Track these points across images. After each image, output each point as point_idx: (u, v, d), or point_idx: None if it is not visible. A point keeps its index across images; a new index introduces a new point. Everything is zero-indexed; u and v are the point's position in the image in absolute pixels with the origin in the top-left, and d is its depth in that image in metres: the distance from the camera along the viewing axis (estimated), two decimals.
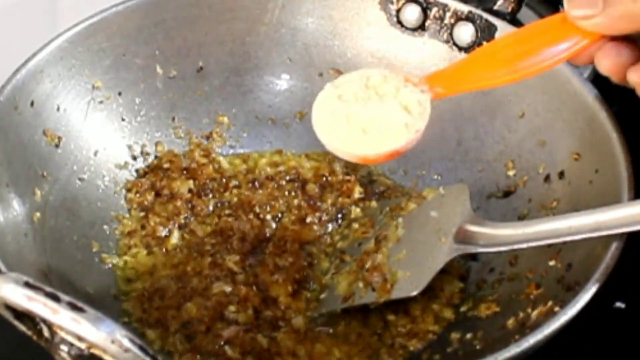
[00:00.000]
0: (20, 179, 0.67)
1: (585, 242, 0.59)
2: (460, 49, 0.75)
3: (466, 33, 0.75)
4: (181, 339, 0.65)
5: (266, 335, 0.66)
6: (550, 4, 0.84)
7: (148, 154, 0.77)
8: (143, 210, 0.74)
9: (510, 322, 0.61)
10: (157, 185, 0.75)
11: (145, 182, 0.75)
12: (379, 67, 0.78)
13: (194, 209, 0.74)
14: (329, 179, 0.75)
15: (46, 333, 0.48)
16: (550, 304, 0.59)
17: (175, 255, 0.72)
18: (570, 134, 0.68)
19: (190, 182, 0.75)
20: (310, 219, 0.74)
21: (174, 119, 0.78)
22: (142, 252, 0.72)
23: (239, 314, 0.67)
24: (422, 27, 0.77)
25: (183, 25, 0.77)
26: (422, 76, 0.60)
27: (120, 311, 0.67)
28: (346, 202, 0.74)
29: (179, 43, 0.77)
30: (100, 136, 0.75)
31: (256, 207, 0.74)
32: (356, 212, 0.74)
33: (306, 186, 0.75)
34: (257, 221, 0.74)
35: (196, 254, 0.71)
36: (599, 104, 0.66)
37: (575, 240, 0.59)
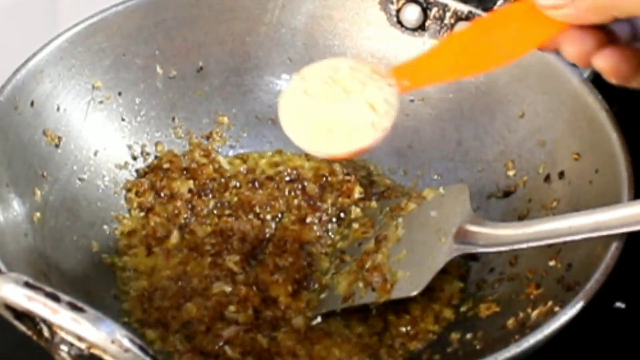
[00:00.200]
0: (20, 179, 0.67)
1: (585, 242, 0.59)
2: None
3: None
4: (181, 339, 0.65)
5: (266, 335, 0.66)
6: None
7: (148, 154, 0.77)
8: (143, 210, 0.74)
9: (510, 322, 0.61)
10: (157, 185, 0.75)
11: (145, 182, 0.75)
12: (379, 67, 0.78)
13: (194, 209, 0.74)
14: (329, 179, 0.75)
15: (46, 333, 0.48)
16: (550, 304, 0.59)
17: (175, 255, 0.72)
18: (570, 134, 0.68)
19: (190, 182, 0.75)
20: (310, 219, 0.74)
21: (174, 119, 0.78)
22: (142, 252, 0.72)
23: (239, 314, 0.67)
24: (422, 27, 0.77)
25: (183, 25, 0.77)
26: (390, 67, 0.59)
27: (120, 311, 0.67)
28: (346, 202, 0.74)
29: (179, 43, 0.77)
30: (100, 136, 0.75)
31: (256, 207, 0.74)
32: (356, 212, 0.73)
33: (306, 186, 0.75)
34: (257, 221, 0.73)
35: (196, 254, 0.71)
36: (599, 104, 0.66)
37: (575, 240, 0.59)
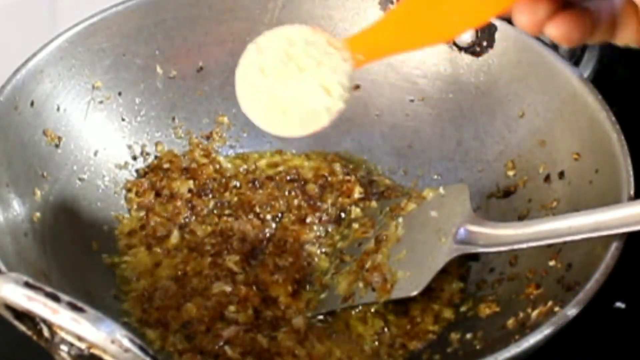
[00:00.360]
0: (20, 179, 0.67)
1: (585, 242, 0.59)
2: (460, 49, 0.75)
3: (466, 33, 0.75)
4: (181, 339, 0.65)
5: (266, 335, 0.66)
6: None
7: (148, 154, 0.77)
8: (143, 210, 0.74)
9: (510, 322, 0.61)
10: (157, 185, 0.75)
11: (145, 182, 0.75)
12: (380, 67, 0.78)
13: (194, 209, 0.74)
14: (329, 179, 0.75)
15: (46, 333, 0.48)
16: (550, 304, 0.59)
17: (175, 255, 0.71)
18: (570, 134, 0.68)
19: (190, 182, 0.75)
20: (310, 219, 0.74)
21: (174, 119, 0.78)
22: (142, 252, 0.72)
23: (239, 314, 0.67)
24: None
25: (183, 25, 0.77)
26: (345, 39, 0.57)
27: (120, 311, 0.67)
28: (346, 202, 0.74)
29: (179, 43, 0.77)
30: (100, 136, 0.75)
31: (256, 207, 0.74)
32: (356, 212, 0.73)
33: (306, 186, 0.75)
34: (257, 221, 0.73)
35: (196, 254, 0.71)
36: (599, 104, 0.66)
37: (575, 240, 0.59)
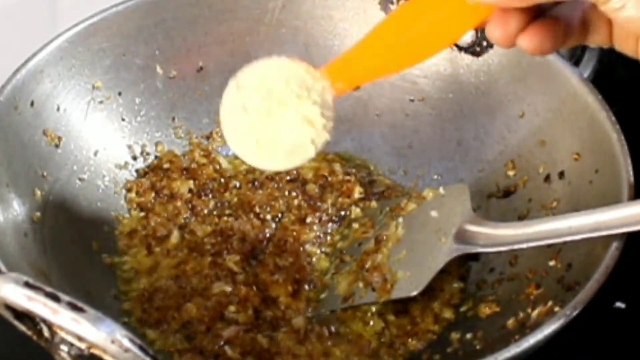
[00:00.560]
0: (20, 179, 0.67)
1: (585, 242, 0.59)
2: (460, 49, 0.75)
3: (466, 33, 0.74)
4: (181, 339, 0.65)
5: (266, 335, 0.66)
6: None
7: (148, 154, 0.77)
8: (143, 210, 0.74)
9: (510, 322, 0.61)
10: (157, 185, 0.75)
11: (145, 182, 0.75)
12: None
13: (194, 209, 0.74)
14: (329, 179, 0.75)
15: (46, 333, 0.48)
16: (550, 304, 0.59)
17: (175, 255, 0.72)
18: (570, 134, 0.68)
19: (190, 182, 0.75)
20: (310, 219, 0.74)
21: (174, 119, 0.78)
22: (142, 252, 0.72)
23: (239, 314, 0.67)
24: None
25: (183, 25, 0.77)
26: (323, 67, 0.57)
27: (120, 311, 0.67)
28: (346, 202, 0.74)
29: (179, 43, 0.77)
30: (100, 136, 0.75)
31: (256, 207, 0.74)
32: (356, 212, 0.73)
33: (306, 186, 0.75)
34: (257, 221, 0.73)
35: (196, 254, 0.71)
36: (599, 104, 0.66)
37: (575, 241, 0.59)
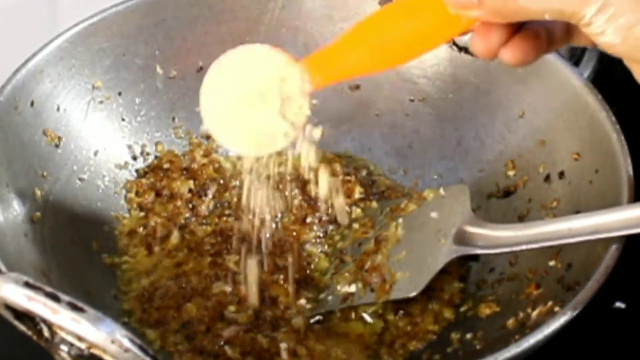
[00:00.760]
0: (20, 179, 0.67)
1: (585, 242, 0.59)
2: (460, 49, 0.75)
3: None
4: (181, 339, 0.65)
5: (266, 335, 0.66)
6: None
7: (148, 154, 0.77)
8: (143, 210, 0.74)
9: (510, 322, 0.61)
10: (157, 185, 0.75)
11: (145, 182, 0.75)
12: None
13: (194, 209, 0.74)
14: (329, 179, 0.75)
15: (46, 333, 0.48)
16: (550, 304, 0.59)
17: (175, 255, 0.72)
18: (570, 134, 0.68)
19: (190, 182, 0.75)
20: (310, 219, 0.74)
21: (174, 119, 0.78)
22: (142, 252, 0.72)
23: (239, 314, 0.67)
24: None
25: (183, 25, 0.77)
26: (303, 60, 0.57)
27: (120, 311, 0.67)
28: (346, 203, 0.74)
29: (179, 43, 0.77)
30: (100, 136, 0.75)
31: (256, 207, 0.74)
32: (356, 212, 0.73)
33: (306, 186, 0.75)
34: (257, 221, 0.73)
35: (196, 254, 0.71)
36: (599, 104, 0.66)
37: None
